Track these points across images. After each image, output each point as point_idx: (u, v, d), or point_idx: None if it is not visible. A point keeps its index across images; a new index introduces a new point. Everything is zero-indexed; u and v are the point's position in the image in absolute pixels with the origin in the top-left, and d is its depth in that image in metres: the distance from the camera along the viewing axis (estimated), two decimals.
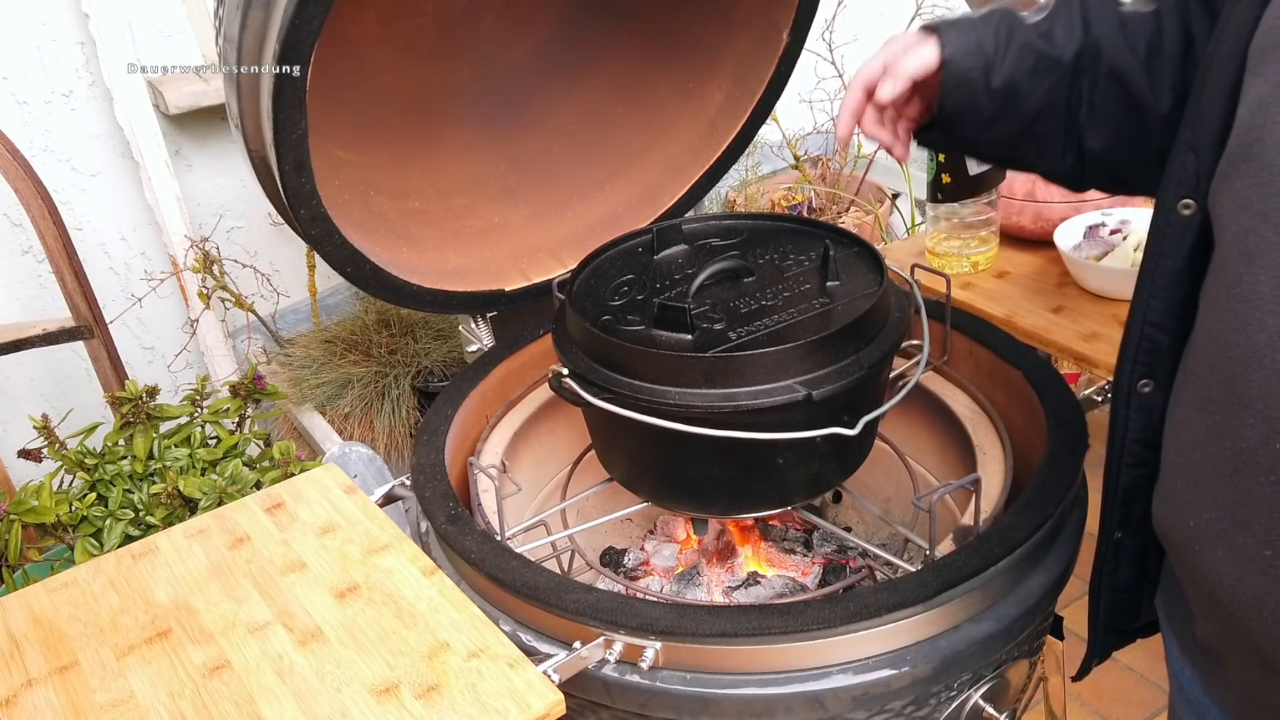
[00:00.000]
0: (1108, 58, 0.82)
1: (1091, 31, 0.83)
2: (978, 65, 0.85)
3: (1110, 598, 0.89)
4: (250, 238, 2.00)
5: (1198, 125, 0.70)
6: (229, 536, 0.97)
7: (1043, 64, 0.84)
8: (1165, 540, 0.77)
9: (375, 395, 1.84)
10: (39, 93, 1.74)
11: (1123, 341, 0.80)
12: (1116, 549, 0.86)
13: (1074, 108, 0.85)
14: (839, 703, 0.89)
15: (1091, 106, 0.85)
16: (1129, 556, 0.86)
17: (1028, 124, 0.87)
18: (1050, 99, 0.85)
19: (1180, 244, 0.73)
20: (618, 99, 1.51)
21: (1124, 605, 0.90)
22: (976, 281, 1.45)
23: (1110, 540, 0.86)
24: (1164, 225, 0.74)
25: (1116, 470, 0.83)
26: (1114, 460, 0.83)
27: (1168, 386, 0.76)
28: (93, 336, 1.61)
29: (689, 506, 1.10)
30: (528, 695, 0.77)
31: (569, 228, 1.47)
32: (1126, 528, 0.85)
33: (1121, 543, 0.86)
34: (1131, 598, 0.89)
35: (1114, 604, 0.90)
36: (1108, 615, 0.91)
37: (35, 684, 0.82)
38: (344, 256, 1.16)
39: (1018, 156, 0.92)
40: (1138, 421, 0.80)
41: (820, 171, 2.45)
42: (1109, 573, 0.88)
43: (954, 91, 0.86)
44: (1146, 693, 1.75)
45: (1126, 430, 0.81)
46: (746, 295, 1.05)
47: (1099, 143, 0.86)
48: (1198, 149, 0.70)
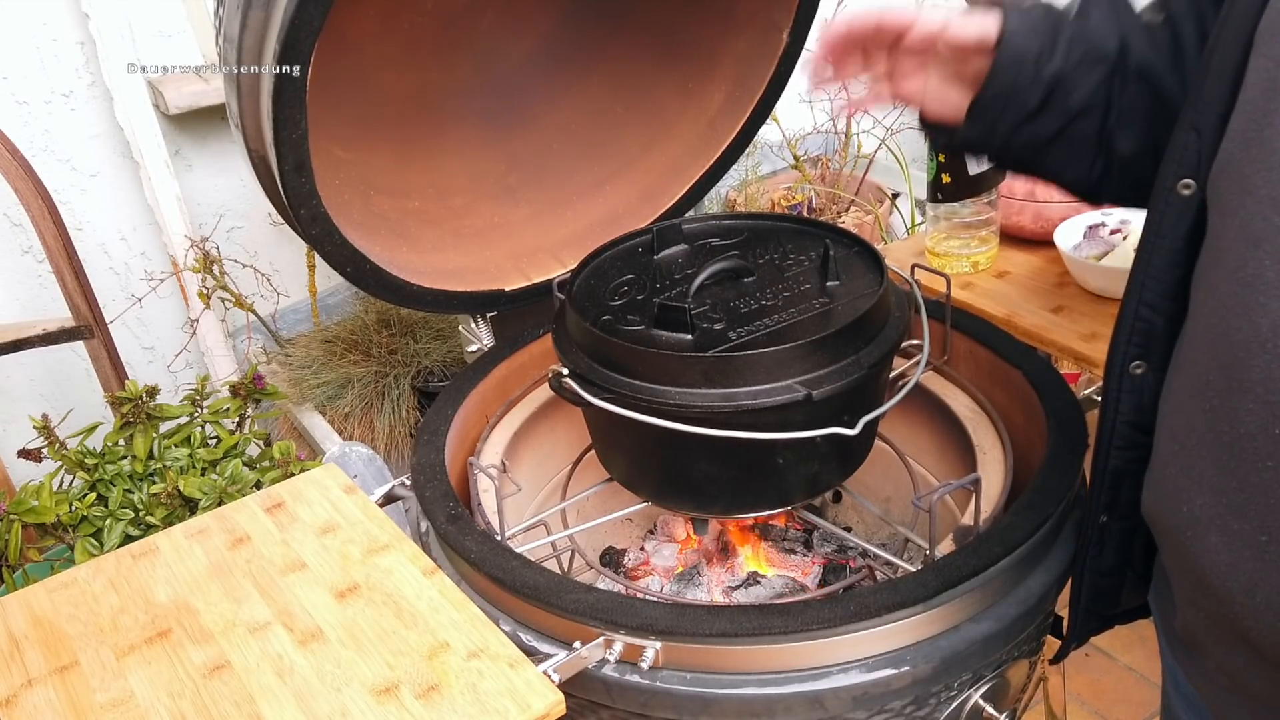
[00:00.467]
0: (1136, 57, 0.80)
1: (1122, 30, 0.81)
2: (1033, 48, 0.81)
3: (1093, 582, 0.89)
4: (250, 238, 2.00)
5: (1201, 105, 0.69)
6: (229, 536, 0.97)
7: (1090, 57, 0.81)
8: (1154, 527, 0.76)
9: (375, 395, 1.84)
10: (39, 93, 1.74)
11: (1116, 322, 0.79)
12: (1101, 533, 0.86)
13: (1107, 110, 0.83)
14: (839, 703, 0.89)
15: (1121, 109, 0.82)
16: (1114, 541, 0.86)
17: (1066, 124, 0.83)
18: (1091, 97, 0.82)
19: (1179, 224, 0.72)
20: (618, 99, 1.51)
21: (1106, 590, 0.90)
22: (976, 281, 1.45)
23: (1095, 524, 0.86)
24: (1163, 205, 0.73)
25: (1105, 453, 0.83)
26: (1103, 443, 0.83)
27: (1161, 369, 0.76)
28: (93, 336, 1.61)
29: (689, 506, 1.10)
30: (528, 695, 0.77)
31: (569, 227, 1.47)
32: (1113, 512, 0.85)
33: (1107, 527, 0.86)
34: (1114, 583, 0.89)
35: (1096, 588, 0.90)
36: (1089, 600, 0.91)
37: (35, 684, 0.82)
38: (344, 256, 1.16)
39: (1045, 161, 0.87)
40: (1128, 404, 0.80)
41: (820, 171, 2.45)
42: (1093, 557, 0.88)
43: (1005, 70, 0.82)
44: (1146, 693, 1.75)
45: (1117, 413, 0.80)
46: (746, 295, 1.05)
47: (1129, 147, 0.83)
48: (1200, 129, 0.69)
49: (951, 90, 0.88)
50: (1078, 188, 0.89)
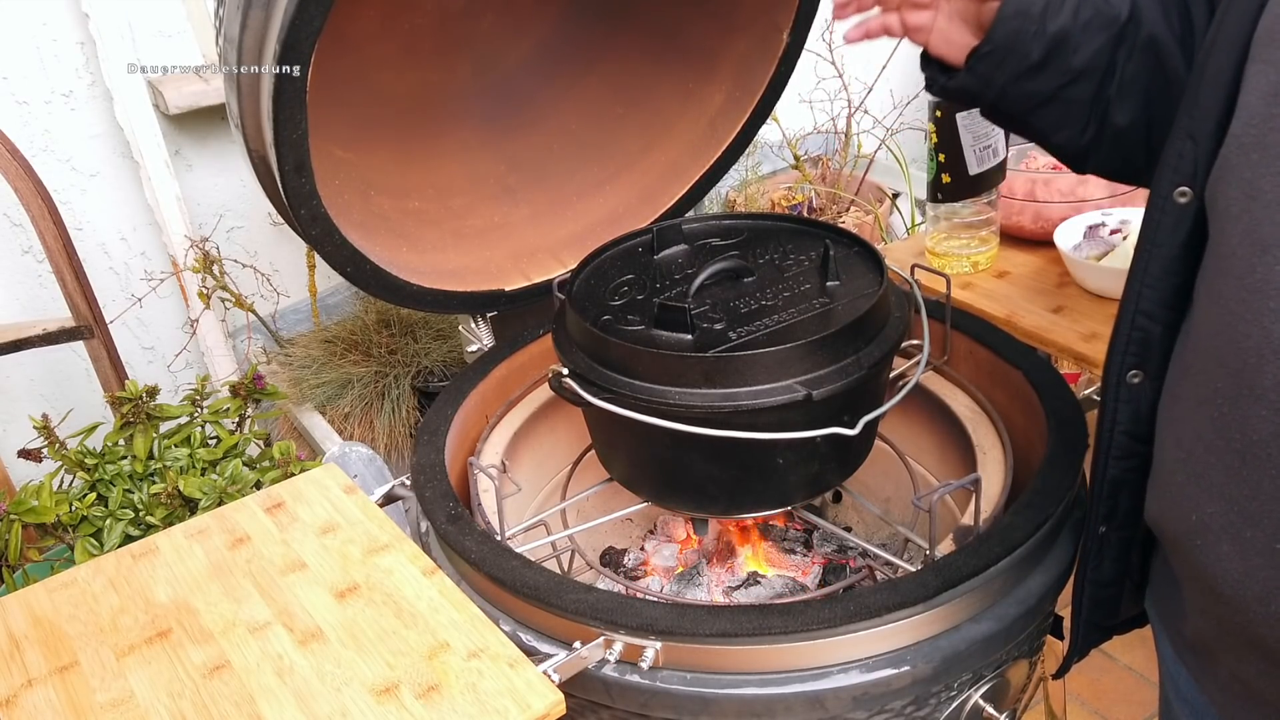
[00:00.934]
0: (1147, 28, 0.80)
1: None
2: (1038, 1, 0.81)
3: (1093, 593, 0.89)
4: (250, 238, 2.00)
5: (1196, 112, 0.69)
6: (229, 536, 0.97)
7: (1098, 20, 0.81)
8: (1161, 535, 0.76)
9: (375, 395, 1.84)
10: (39, 93, 1.74)
11: (1113, 332, 0.79)
12: (1101, 544, 0.86)
13: (1108, 77, 0.82)
14: (839, 703, 0.89)
15: (1123, 78, 0.82)
16: (1112, 552, 0.86)
17: (1064, 84, 0.83)
18: (1094, 60, 0.82)
19: (1175, 233, 0.72)
20: (618, 99, 1.51)
21: (1106, 601, 0.90)
22: (976, 281, 1.45)
23: (1095, 535, 0.86)
24: (1158, 214, 0.73)
25: (1104, 464, 0.82)
26: (1101, 454, 0.82)
27: (1158, 378, 0.76)
28: (93, 336, 1.61)
29: (689, 506, 1.10)
30: (528, 695, 0.77)
31: (569, 228, 1.47)
32: (1111, 522, 0.84)
33: (1106, 537, 0.85)
34: (1113, 594, 0.89)
35: (1096, 600, 0.90)
36: (1090, 611, 0.90)
37: (35, 684, 0.82)
38: (344, 256, 1.16)
39: (1036, 122, 0.87)
40: (1126, 413, 0.79)
41: (820, 171, 2.45)
42: (1093, 568, 0.88)
43: (1008, 21, 0.82)
44: (1147, 693, 1.75)
45: (1114, 423, 0.80)
46: (746, 295, 1.05)
47: (1125, 118, 0.83)
48: (1196, 136, 0.69)
49: (958, 29, 0.88)
50: (1065, 151, 0.90)
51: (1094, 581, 0.88)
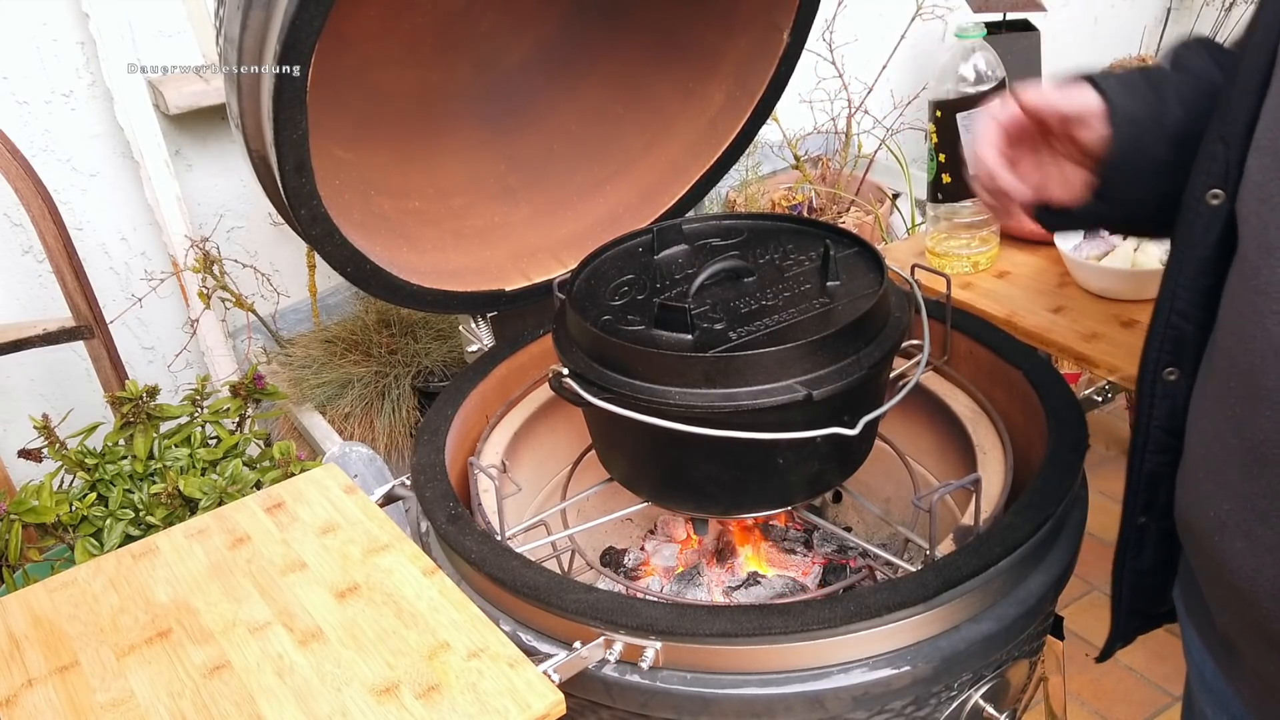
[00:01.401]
0: None
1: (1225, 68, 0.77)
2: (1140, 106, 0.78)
3: (1134, 581, 0.89)
4: (250, 238, 2.00)
5: (1229, 116, 0.69)
6: (229, 536, 0.97)
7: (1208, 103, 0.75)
8: (1185, 530, 0.77)
9: (375, 395, 1.83)
10: (39, 93, 1.74)
11: (1149, 329, 0.79)
12: (1141, 533, 0.86)
13: None
14: (839, 703, 0.89)
15: None
16: (1154, 541, 0.86)
17: None
18: None
19: (1208, 234, 0.72)
20: (618, 99, 1.51)
21: (1148, 590, 0.90)
22: (976, 281, 1.45)
23: (1134, 524, 0.86)
24: (1192, 215, 0.73)
25: (1140, 457, 0.83)
26: (1138, 447, 0.83)
27: (1193, 375, 0.76)
28: (93, 336, 1.61)
29: (689, 506, 1.10)
30: (528, 695, 0.77)
31: (569, 228, 1.47)
32: (1151, 513, 0.85)
33: (1146, 527, 0.86)
34: (1156, 582, 0.89)
35: (1138, 588, 0.90)
36: (1131, 599, 0.91)
37: (35, 684, 0.82)
38: (344, 256, 1.16)
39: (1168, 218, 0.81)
40: (1162, 409, 0.80)
41: (820, 171, 2.45)
42: (1132, 557, 0.88)
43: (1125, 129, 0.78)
44: (1146, 693, 1.75)
45: (1151, 417, 0.81)
46: (747, 295, 1.05)
47: None
48: (1228, 139, 0.69)
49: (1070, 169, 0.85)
50: None
51: (1134, 570, 0.89)
